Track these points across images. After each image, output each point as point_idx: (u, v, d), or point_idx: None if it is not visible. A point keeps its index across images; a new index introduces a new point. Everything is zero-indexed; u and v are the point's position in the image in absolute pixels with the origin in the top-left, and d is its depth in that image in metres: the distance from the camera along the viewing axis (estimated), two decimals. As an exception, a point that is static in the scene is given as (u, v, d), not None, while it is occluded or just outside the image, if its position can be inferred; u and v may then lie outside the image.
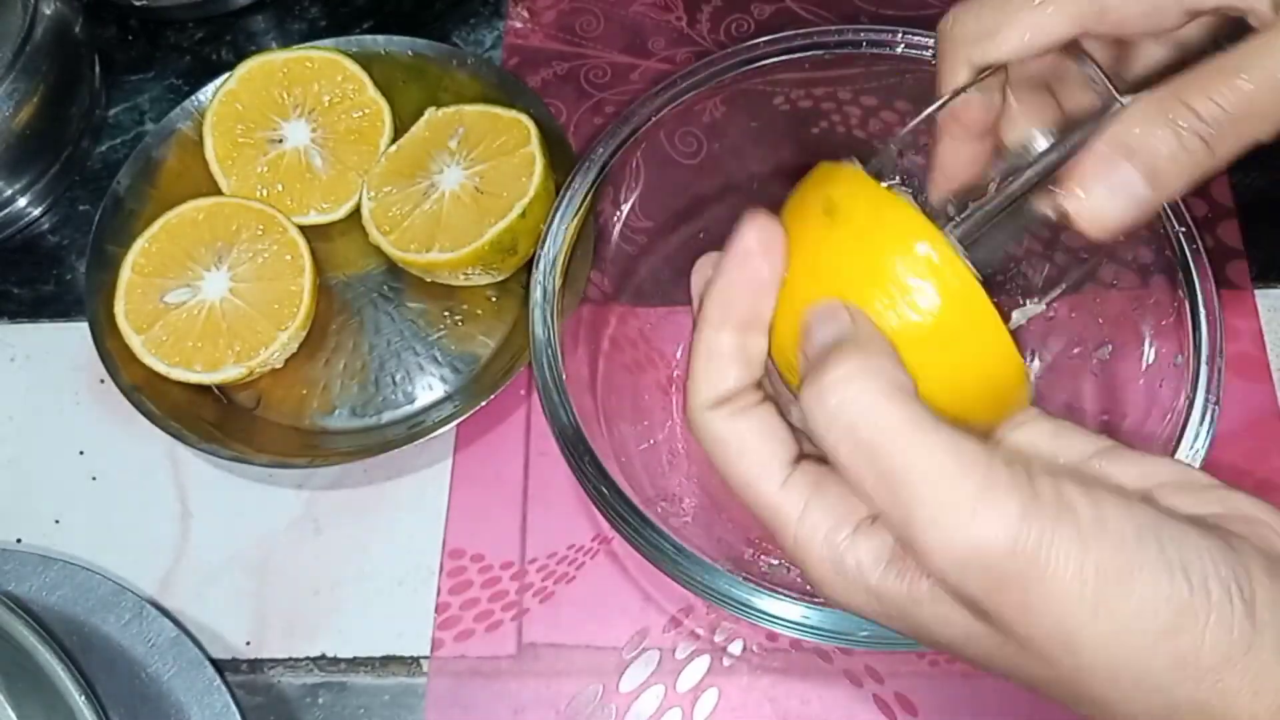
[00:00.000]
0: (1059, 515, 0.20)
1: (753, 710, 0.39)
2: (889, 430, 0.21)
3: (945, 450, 0.20)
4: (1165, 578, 0.20)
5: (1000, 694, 0.39)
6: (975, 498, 0.20)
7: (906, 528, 0.21)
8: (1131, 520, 0.20)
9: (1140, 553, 0.20)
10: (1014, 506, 0.20)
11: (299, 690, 0.41)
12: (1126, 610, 0.20)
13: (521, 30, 0.55)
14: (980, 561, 0.20)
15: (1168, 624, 0.20)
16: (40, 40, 0.49)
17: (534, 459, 0.44)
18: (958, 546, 0.20)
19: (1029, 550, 0.20)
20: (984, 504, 0.20)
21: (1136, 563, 0.20)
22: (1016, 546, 0.20)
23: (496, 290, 0.48)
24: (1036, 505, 0.20)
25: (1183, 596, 0.20)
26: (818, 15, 0.54)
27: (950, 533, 0.20)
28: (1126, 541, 0.20)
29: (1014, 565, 0.20)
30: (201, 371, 0.44)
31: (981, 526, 0.20)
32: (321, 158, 0.49)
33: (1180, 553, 0.20)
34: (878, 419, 0.21)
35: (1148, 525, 0.20)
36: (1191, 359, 0.33)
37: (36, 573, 0.41)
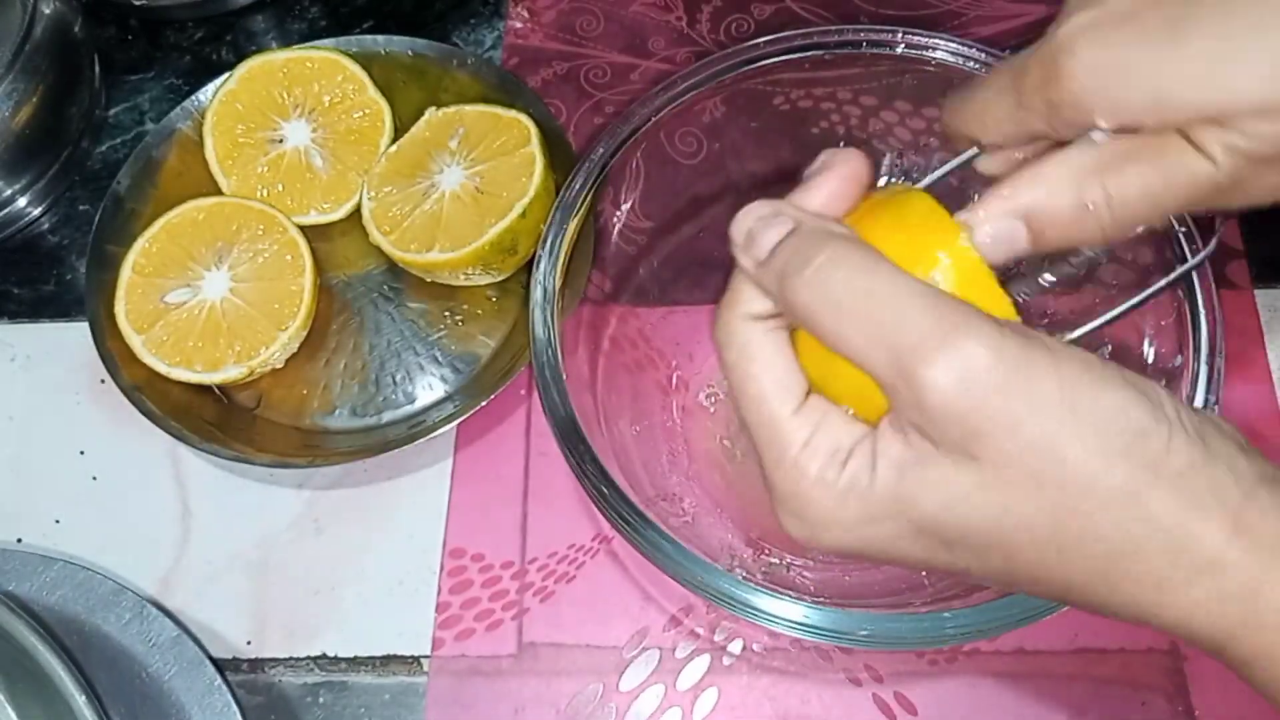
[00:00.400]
0: (1029, 339, 0.22)
1: (752, 709, 0.40)
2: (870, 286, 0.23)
3: (922, 293, 0.23)
4: (1131, 391, 0.22)
5: (1000, 694, 0.39)
6: (956, 323, 0.22)
7: (900, 376, 0.22)
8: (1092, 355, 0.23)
9: (1105, 371, 0.22)
10: (990, 328, 0.22)
11: (300, 690, 0.41)
12: (1102, 410, 0.22)
13: (522, 30, 0.55)
14: (969, 384, 0.22)
15: (1138, 426, 0.22)
16: (40, 40, 0.49)
17: (534, 458, 0.45)
18: (951, 368, 0.22)
19: (1009, 361, 0.22)
20: (964, 327, 0.22)
21: (1103, 377, 0.22)
22: (999, 358, 0.22)
23: (497, 290, 0.48)
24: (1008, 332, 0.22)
25: (1147, 406, 0.22)
26: (818, 15, 0.54)
27: (942, 357, 0.22)
28: (1091, 363, 0.22)
29: (997, 376, 0.22)
30: (202, 371, 0.44)
31: (967, 349, 0.22)
32: (322, 158, 0.49)
33: (1141, 382, 0.22)
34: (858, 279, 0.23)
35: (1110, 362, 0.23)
36: (1191, 359, 0.33)
37: (37, 572, 0.41)
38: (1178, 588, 0.22)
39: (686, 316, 0.45)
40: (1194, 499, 0.21)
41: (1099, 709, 0.39)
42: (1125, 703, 0.39)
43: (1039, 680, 0.39)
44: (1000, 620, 0.30)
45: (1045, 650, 0.40)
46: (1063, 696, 0.39)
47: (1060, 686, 0.39)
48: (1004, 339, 0.22)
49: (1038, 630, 0.39)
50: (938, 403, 0.22)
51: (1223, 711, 0.38)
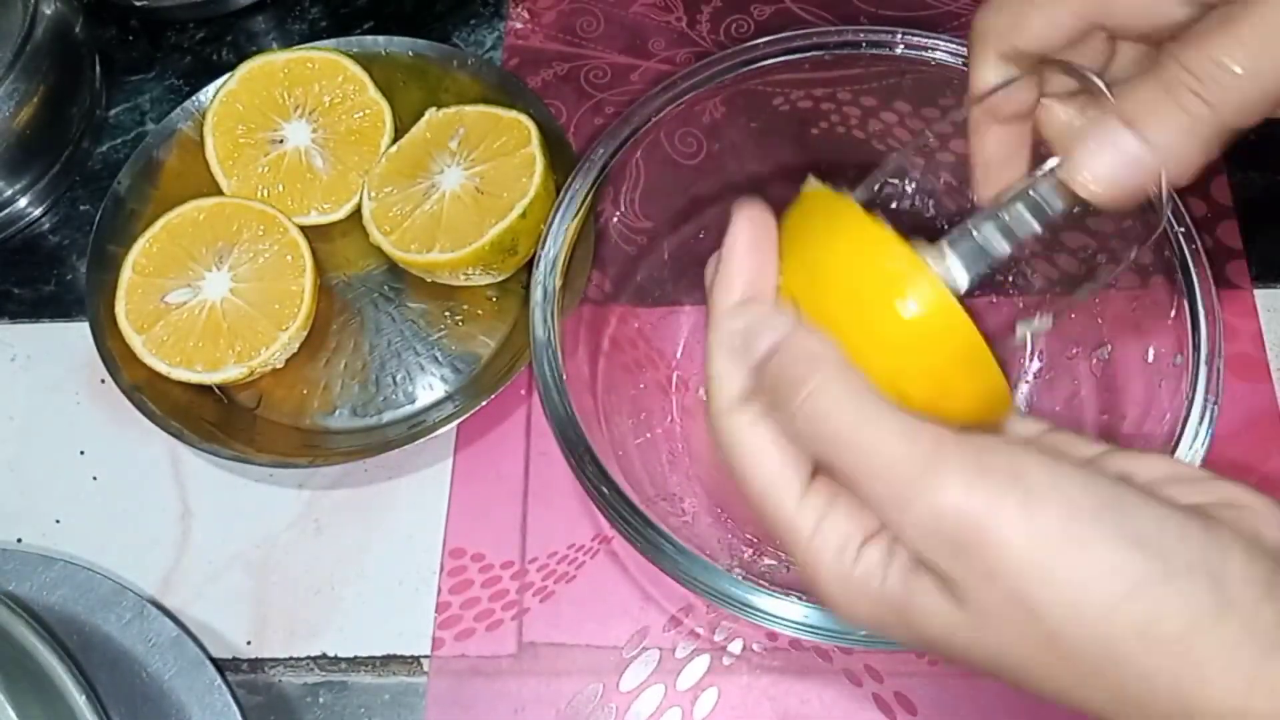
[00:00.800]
0: (1006, 483, 0.21)
1: (752, 709, 0.40)
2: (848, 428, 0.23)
3: (897, 436, 0.22)
4: (1122, 546, 0.20)
5: (1000, 694, 0.39)
6: (925, 471, 0.21)
7: (884, 513, 0.22)
8: (1088, 491, 0.21)
9: (1095, 521, 0.21)
10: (958, 476, 0.21)
11: (300, 690, 0.41)
12: (1080, 575, 0.20)
13: (522, 31, 0.55)
14: (939, 528, 0.21)
15: (1124, 590, 0.20)
16: (41, 40, 0.49)
17: (534, 458, 0.45)
18: (919, 517, 0.21)
19: (976, 515, 0.21)
20: (934, 475, 0.21)
21: (1090, 530, 0.20)
22: (963, 512, 0.21)
23: (497, 290, 0.48)
24: (982, 473, 0.21)
25: (1138, 565, 0.20)
26: (817, 16, 0.54)
27: (911, 506, 0.22)
28: (1081, 510, 0.21)
29: (967, 531, 0.21)
30: (202, 371, 0.44)
31: (935, 496, 0.21)
32: (322, 158, 0.49)
33: (1139, 526, 0.21)
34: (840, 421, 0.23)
35: (1107, 497, 0.21)
36: (1191, 359, 0.33)
37: (37, 572, 0.41)
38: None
39: (686, 316, 0.45)
40: (1192, 663, 0.20)
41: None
42: (1125, 703, 0.39)
43: (1039, 680, 0.39)
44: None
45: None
46: (1062, 696, 0.39)
47: (1060, 686, 0.39)
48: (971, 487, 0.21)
49: (1037, 630, 0.40)
50: (920, 548, 0.22)
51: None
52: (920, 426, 0.22)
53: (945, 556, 0.21)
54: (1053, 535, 0.21)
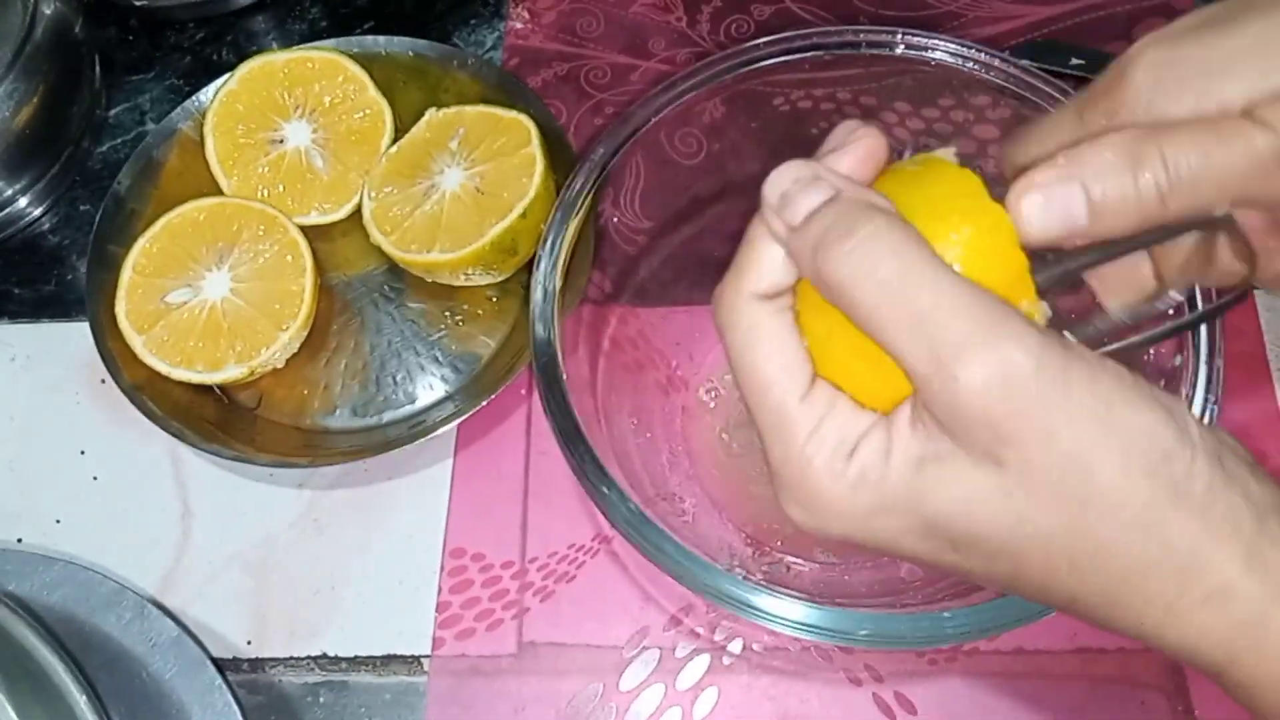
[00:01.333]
0: (1069, 350, 0.22)
1: (752, 709, 0.40)
2: (914, 272, 0.22)
3: (968, 290, 0.22)
4: (1161, 411, 0.22)
5: (999, 693, 0.39)
6: (1001, 325, 0.21)
7: (936, 358, 0.22)
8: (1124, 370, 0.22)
9: (1138, 389, 0.22)
10: (1034, 335, 0.21)
11: (300, 689, 0.41)
12: (1134, 429, 0.21)
13: (522, 31, 0.55)
14: (1007, 387, 0.21)
15: (1166, 448, 0.21)
16: (40, 40, 0.49)
17: (534, 458, 0.45)
18: (992, 371, 0.21)
19: (1050, 371, 0.21)
20: (1008, 334, 0.21)
21: (1136, 395, 0.22)
22: (1041, 365, 0.21)
23: (497, 290, 0.48)
24: (1051, 341, 0.22)
25: (1174, 428, 0.22)
26: (817, 16, 0.54)
27: (984, 358, 0.21)
28: (1125, 379, 0.22)
29: (1038, 384, 0.21)
30: (203, 371, 0.44)
31: (1009, 351, 0.21)
32: (322, 158, 0.49)
33: (1167, 400, 0.22)
34: (902, 263, 0.22)
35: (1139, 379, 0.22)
36: (1191, 359, 0.33)
37: (38, 572, 0.41)
38: (1185, 610, 0.22)
39: (686, 316, 0.45)
40: (1212, 525, 0.21)
41: (1098, 708, 0.39)
42: (1125, 702, 0.39)
43: (1038, 679, 0.40)
44: (1000, 620, 0.30)
45: (1045, 649, 0.40)
46: (1062, 695, 0.39)
47: (1060, 686, 0.39)
48: (1046, 347, 0.21)
49: (1037, 630, 0.39)
50: (973, 404, 0.21)
51: (1222, 711, 0.38)
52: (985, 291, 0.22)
53: (1003, 414, 0.21)
54: (1112, 393, 0.21)
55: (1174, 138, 0.23)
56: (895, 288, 0.22)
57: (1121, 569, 0.22)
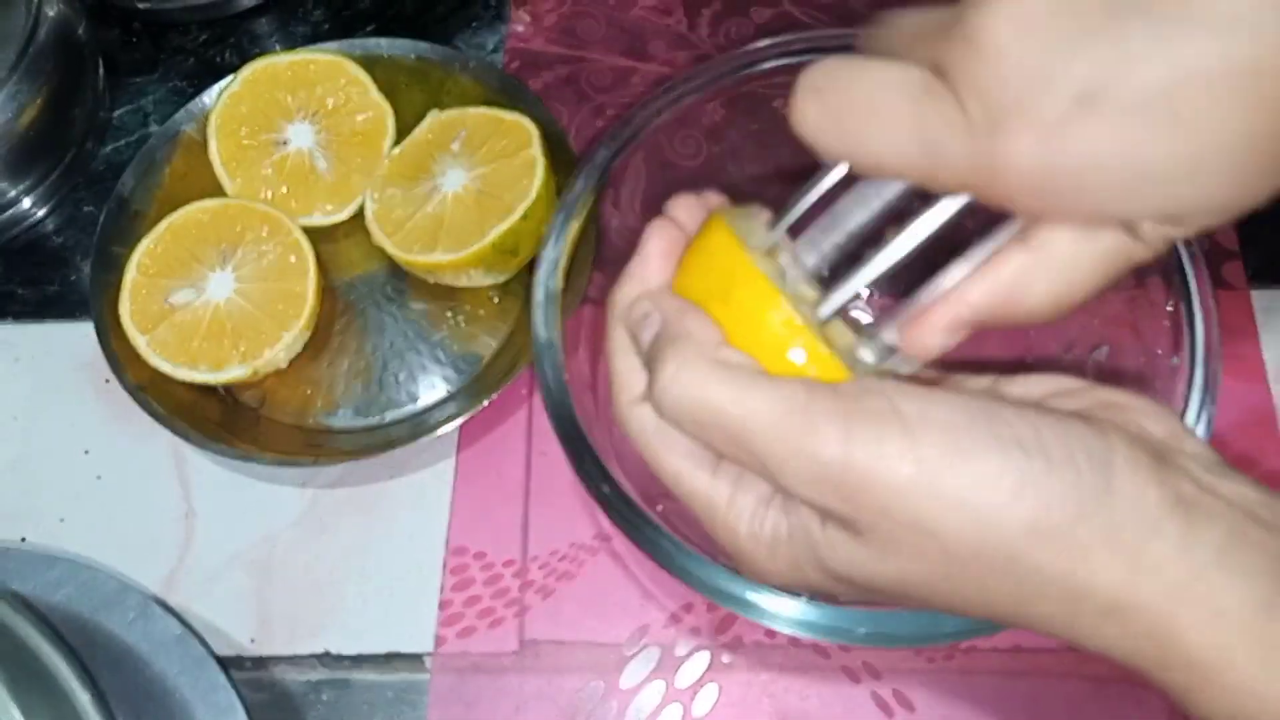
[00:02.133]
0: (884, 419, 0.22)
1: (751, 706, 0.40)
2: (717, 399, 0.23)
3: (769, 400, 0.23)
4: (998, 453, 0.21)
5: (998, 691, 0.40)
6: (802, 429, 0.22)
7: (769, 473, 0.23)
8: (960, 411, 0.22)
9: (970, 435, 0.22)
10: (835, 427, 0.22)
11: (303, 687, 0.41)
12: (965, 484, 0.21)
13: (523, 34, 0.56)
14: (827, 480, 0.22)
15: (1010, 491, 0.21)
16: (44, 42, 0.49)
17: (536, 458, 0.45)
18: (806, 473, 0.22)
19: (861, 457, 0.22)
20: (811, 432, 0.22)
21: (968, 444, 0.21)
22: (848, 458, 0.22)
23: (499, 291, 0.48)
24: (858, 419, 0.22)
25: (1019, 465, 0.21)
26: (817, 19, 0.55)
27: (795, 464, 0.22)
28: (956, 428, 0.22)
29: (854, 476, 0.22)
30: (206, 372, 0.44)
31: (816, 451, 0.22)
32: (325, 160, 0.49)
33: (1015, 430, 0.22)
34: (706, 400, 0.24)
35: (980, 412, 0.22)
36: (1187, 360, 0.33)
37: (41, 571, 0.41)
38: (1088, 628, 0.22)
39: (687, 317, 0.45)
40: (1081, 550, 0.21)
41: (1097, 707, 0.39)
42: (1124, 701, 0.39)
43: (1037, 678, 0.40)
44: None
45: (1043, 648, 0.40)
46: (1061, 694, 0.39)
47: (1058, 684, 0.40)
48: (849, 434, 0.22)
49: (1035, 628, 0.40)
50: (811, 499, 0.23)
51: (1218, 709, 0.39)
52: (791, 384, 0.23)
53: (837, 503, 0.22)
54: (935, 457, 0.21)
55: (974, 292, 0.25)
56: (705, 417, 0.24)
57: (1010, 598, 0.22)
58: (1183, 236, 0.23)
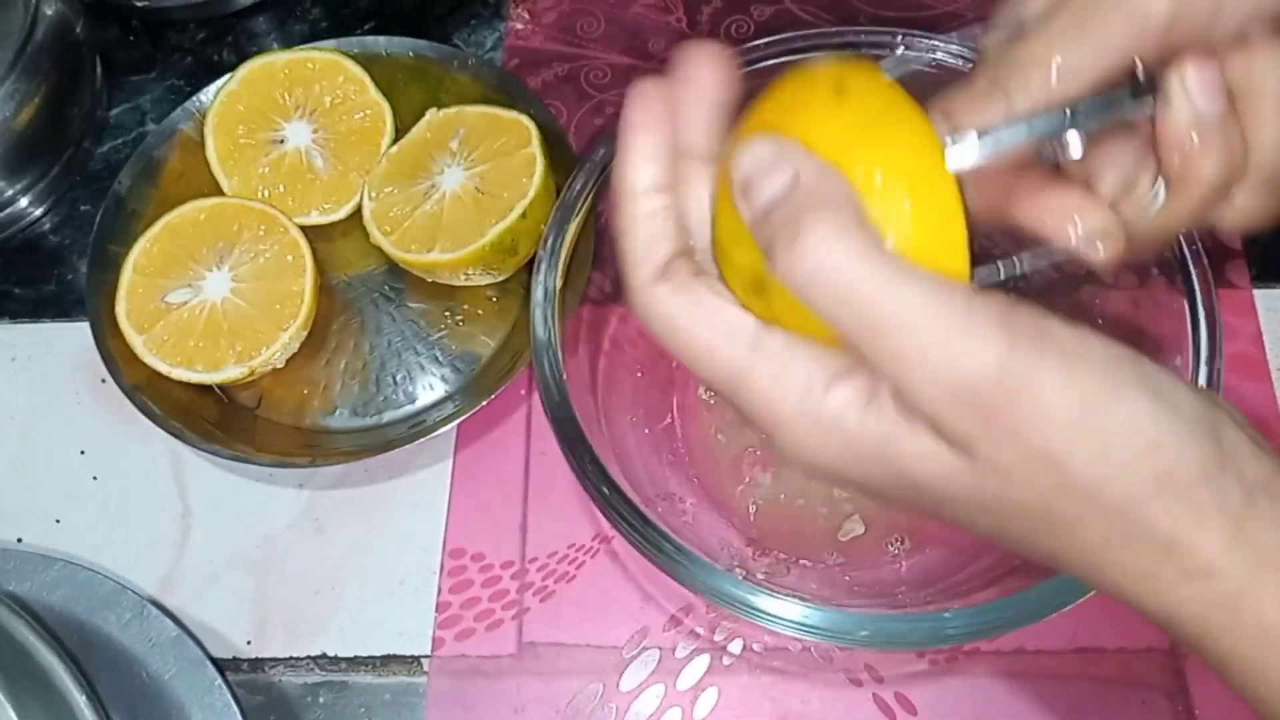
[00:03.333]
0: (1044, 345, 0.21)
1: (752, 709, 0.40)
2: (870, 282, 0.21)
3: (927, 293, 0.21)
4: (1147, 399, 0.21)
5: (1000, 694, 0.39)
6: (961, 333, 0.21)
7: (898, 371, 0.21)
8: (1113, 351, 0.22)
9: (1122, 377, 0.21)
10: (998, 338, 0.21)
11: (300, 689, 0.41)
12: (1112, 426, 0.21)
13: (522, 32, 0.55)
14: (970, 393, 0.21)
15: (1150, 440, 0.21)
16: (42, 41, 0.49)
17: (534, 458, 0.45)
18: (948, 380, 0.21)
19: (1016, 377, 0.21)
20: (970, 338, 0.21)
21: (1120, 385, 0.21)
22: (1004, 374, 0.21)
23: (497, 290, 0.48)
24: (1020, 337, 0.21)
25: (1163, 415, 0.21)
26: (817, 17, 0.54)
27: (939, 368, 0.21)
28: (1109, 367, 0.21)
29: (1002, 393, 0.21)
30: (203, 371, 0.44)
31: (970, 359, 0.21)
32: (323, 158, 0.49)
33: (1158, 381, 0.22)
34: (858, 274, 0.21)
35: (1128, 356, 0.22)
36: (1191, 359, 0.33)
37: (37, 572, 0.41)
38: (1164, 585, 0.22)
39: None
40: (1196, 510, 0.21)
41: (1099, 708, 0.39)
42: (1125, 702, 0.39)
43: (1039, 680, 0.39)
44: (1000, 620, 0.30)
45: (1045, 650, 0.40)
46: (1063, 696, 0.39)
47: (1060, 686, 0.39)
48: (1013, 349, 0.21)
49: (1038, 630, 0.39)
50: (939, 409, 0.21)
51: (1223, 711, 0.38)
52: (951, 283, 0.21)
53: (966, 418, 0.21)
54: (1090, 390, 0.21)
55: None
56: (850, 298, 0.21)
57: (1099, 541, 0.22)
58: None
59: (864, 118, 0.24)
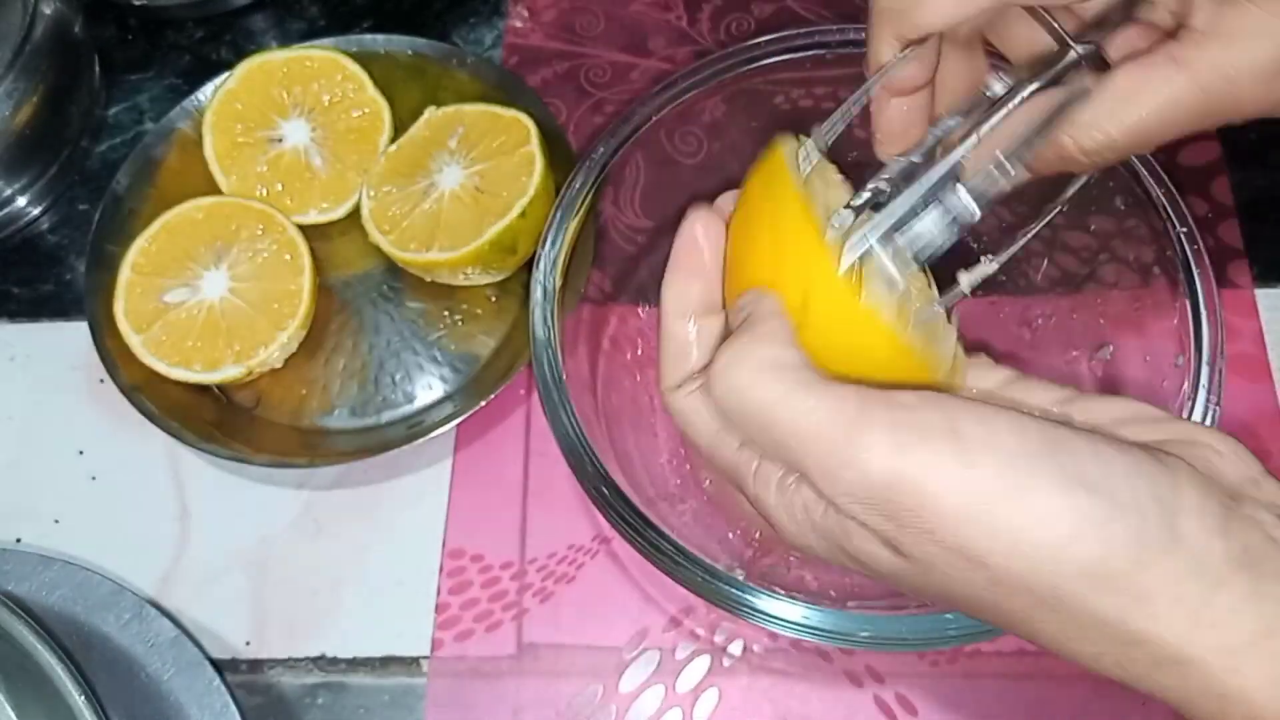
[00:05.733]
0: (940, 441, 0.21)
1: (753, 710, 0.39)
2: (766, 405, 0.23)
3: (819, 409, 0.22)
4: (1060, 490, 0.20)
5: (1001, 694, 0.39)
6: (850, 442, 0.21)
7: (812, 479, 0.22)
8: (1027, 437, 0.21)
9: (1032, 466, 0.20)
10: (886, 442, 0.21)
11: (299, 690, 0.41)
12: (1022, 522, 0.20)
13: (521, 29, 0.55)
14: (872, 497, 0.21)
15: (1067, 532, 0.20)
16: (40, 40, 0.49)
17: (534, 459, 0.44)
18: (850, 486, 0.21)
19: (910, 477, 0.21)
20: (858, 445, 0.21)
21: (1028, 476, 0.20)
22: (898, 476, 0.21)
23: (496, 290, 0.48)
24: (915, 436, 0.21)
25: (1081, 506, 0.20)
26: (818, 14, 0.54)
27: (838, 476, 0.21)
28: (1017, 458, 0.21)
29: (900, 494, 0.21)
30: (201, 371, 0.44)
31: (862, 464, 0.21)
32: (321, 157, 0.49)
33: (1081, 467, 0.21)
34: (755, 397, 0.23)
35: (1048, 441, 0.21)
36: (1192, 359, 0.33)
37: (36, 572, 0.41)
38: (1141, 673, 0.21)
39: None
40: (1141, 599, 0.20)
41: (1099, 709, 0.39)
42: (1125, 703, 0.39)
43: (1040, 681, 0.39)
44: (1001, 621, 0.30)
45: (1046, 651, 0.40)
46: (1063, 697, 0.39)
47: (1061, 687, 0.39)
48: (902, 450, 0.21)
49: (1038, 631, 0.39)
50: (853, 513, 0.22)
51: (1224, 712, 0.38)
52: (844, 391, 0.22)
53: (879, 520, 0.21)
54: (991, 485, 0.20)
55: None
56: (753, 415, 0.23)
57: (1056, 631, 0.21)
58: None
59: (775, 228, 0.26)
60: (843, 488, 0.21)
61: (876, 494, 0.21)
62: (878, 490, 0.21)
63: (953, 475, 0.20)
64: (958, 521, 0.20)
